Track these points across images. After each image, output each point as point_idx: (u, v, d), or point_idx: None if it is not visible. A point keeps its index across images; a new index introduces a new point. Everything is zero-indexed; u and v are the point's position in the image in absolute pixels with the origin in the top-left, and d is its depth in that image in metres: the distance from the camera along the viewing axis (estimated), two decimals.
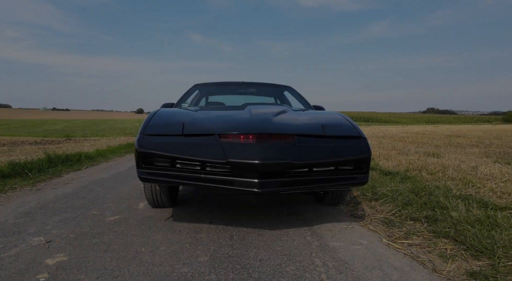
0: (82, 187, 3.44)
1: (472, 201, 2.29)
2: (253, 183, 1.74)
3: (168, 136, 1.90)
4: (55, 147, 10.46)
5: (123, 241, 1.83)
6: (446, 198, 2.34)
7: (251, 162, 1.72)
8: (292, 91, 3.68)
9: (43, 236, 1.90)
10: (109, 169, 4.88)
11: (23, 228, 2.07)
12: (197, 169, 1.83)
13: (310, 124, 2.09)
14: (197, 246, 1.77)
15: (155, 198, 2.38)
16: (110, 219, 2.25)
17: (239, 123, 1.95)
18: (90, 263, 1.53)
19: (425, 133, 18.81)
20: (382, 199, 2.65)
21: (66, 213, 2.40)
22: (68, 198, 2.92)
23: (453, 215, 2.00)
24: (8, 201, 2.86)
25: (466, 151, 8.09)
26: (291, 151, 1.81)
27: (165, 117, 2.15)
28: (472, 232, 1.74)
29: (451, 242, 1.76)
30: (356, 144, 1.97)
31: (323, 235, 1.98)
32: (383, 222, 2.20)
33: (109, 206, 2.59)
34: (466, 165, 5.36)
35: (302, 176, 1.85)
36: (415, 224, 2.10)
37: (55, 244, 1.78)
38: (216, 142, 1.82)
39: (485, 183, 3.57)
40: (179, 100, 3.27)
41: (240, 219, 2.26)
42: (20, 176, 4.01)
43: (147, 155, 1.85)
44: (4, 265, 1.52)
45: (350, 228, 2.11)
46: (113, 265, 1.52)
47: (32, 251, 1.68)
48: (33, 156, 6.56)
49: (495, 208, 2.17)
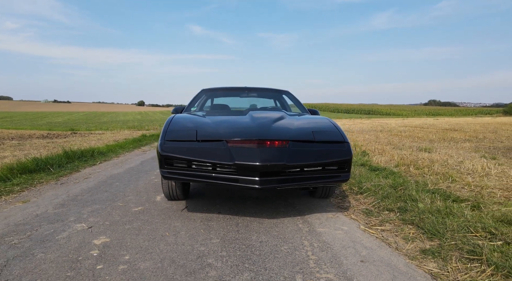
0: (102, 181, 3.86)
1: (439, 195, 2.71)
2: (255, 180, 2.15)
3: (185, 142, 2.31)
4: (63, 141, 10.91)
5: (150, 227, 2.26)
6: (418, 192, 2.76)
7: (253, 163, 2.13)
8: (290, 96, 4.07)
9: (83, 223, 2.34)
10: (121, 164, 5.30)
11: (64, 217, 2.50)
12: (209, 169, 2.24)
13: (302, 131, 2.49)
14: (210, 231, 2.20)
15: (171, 192, 2.81)
16: (134, 209, 2.68)
17: (243, 131, 2.35)
18: (128, 243, 1.96)
19: (423, 127, 19.16)
20: (366, 193, 3.07)
21: (96, 205, 2.83)
22: (92, 191, 3.35)
23: (420, 206, 2.43)
24: (41, 194, 3.28)
25: (458, 146, 8.49)
26: (286, 154, 2.22)
27: (180, 125, 2.55)
28: (431, 219, 2.16)
29: (414, 227, 2.18)
30: (341, 148, 2.38)
31: (312, 222, 2.41)
32: (364, 212, 2.62)
33: (131, 199, 3.02)
34: (454, 160, 5.77)
35: (295, 174, 2.27)
36: (389, 213, 2.52)
37: (96, 229, 2.21)
38: (224, 146, 2.23)
39: (465, 177, 3.98)
40: (189, 105, 3.67)
41: (244, 210, 2.69)
42: (44, 171, 4.44)
43: (168, 157, 2.26)
44: (61, 244, 1.95)
45: (336, 217, 2.54)
46: (146, 245, 1.95)
47: (79, 234, 2.11)
48: (43, 150, 7.00)
49: (456, 200, 2.59)
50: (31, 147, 9.26)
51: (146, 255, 1.80)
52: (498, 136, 11.60)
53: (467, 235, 1.91)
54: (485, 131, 14.19)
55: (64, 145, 9.09)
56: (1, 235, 2.11)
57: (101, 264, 1.69)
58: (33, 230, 2.21)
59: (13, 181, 3.74)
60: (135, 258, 1.77)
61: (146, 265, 1.69)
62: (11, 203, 2.95)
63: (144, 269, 1.64)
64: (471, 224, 2.02)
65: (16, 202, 2.99)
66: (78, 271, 1.62)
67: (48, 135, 13.90)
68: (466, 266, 1.62)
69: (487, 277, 1.49)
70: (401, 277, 1.58)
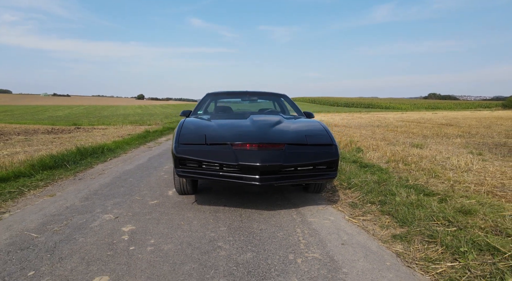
0: (116, 177, 4.26)
1: (415, 189, 3.12)
2: (256, 178, 2.55)
3: (196, 145, 2.70)
4: (69, 137, 11.31)
5: (167, 217, 2.67)
6: (397, 187, 3.17)
7: (254, 164, 2.52)
8: (287, 99, 4.46)
9: (110, 214, 2.74)
10: (130, 160, 5.69)
11: (91, 209, 2.91)
12: (217, 168, 2.64)
13: (296, 134, 2.88)
14: (217, 220, 2.61)
15: (182, 187, 3.21)
16: (151, 203, 3.08)
17: (246, 135, 2.74)
18: (151, 230, 2.37)
19: (420, 122, 19.53)
20: (353, 188, 3.48)
21: (116, 198, 3.24)
22: (110, 186, 3.75)
23: (396, 199, 2.83)
24: (63, 189, 3.69)
25: (449, 142, 8.89)
26: (282, 156, 2.62)
27: (191, 129, 2.94)
28: (404, 210, 2.57)
29: (390, 217, 2.59)
30: (329, 150, 2.77)
31: (305, 213, 2.82)
32: (350, 205, 3.04)
33: (146, 193, 3.42)
34: (442, 156, 6.17)
35: (290, 173, 2.66)
36: (371, 206, 2.93)
37: (121, 219, 2.62)
38: (230, 149, 2.62)
39: (447, 173, 4.38)
40: (196, 108, 4.06)
41: (246, 203, 3.10)
42: (61, 167, 4.84)
43: (182, 159, 2.65)
44: (95, 230, 2.36)
45: (325, 209, 2.95)
46: (166, 232, 2.36)
47: (109, 223, 2.52)
48: (51, 146, 7.40)
49: (429, 194, 3.00)
50: (39, 142, 9.65)
51: (167, 240, 2.21)
52: (490, 131, 11.98)
53: (430, 223, 2.32)
54: (479, 126, 14.57)
55: (70, 141, 9.49)
56: (43, 223, 2.52)
57: (133, 246, 2.10)
58: (68, 219, 2.62)
59: (36, 177, 4.14)
60: (159, 241, 2.18)
61: (169, 247, 2.10)
62: (39, 196, 3.36)
63: (167, 250, 2.05)
64: (435, 214, 2.43)
65: (44, 195, 3.39)
66: (115, 251, 2.03)
67: (53, 131, 14.28)
68: (424, 247, 2.03)
69: (438, 255, 1.90)
70: (372, 255, 1.99)
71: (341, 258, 1.97)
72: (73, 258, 1.93)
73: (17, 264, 1.86)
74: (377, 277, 1.74)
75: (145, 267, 1.83)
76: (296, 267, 1.85)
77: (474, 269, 1.70)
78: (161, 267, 1.83)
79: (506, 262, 1.71)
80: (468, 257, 1.80)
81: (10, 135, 12.26)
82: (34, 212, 2.80)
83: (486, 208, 2.51)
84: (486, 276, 1.63)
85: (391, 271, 1.80)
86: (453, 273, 1.71)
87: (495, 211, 2.43)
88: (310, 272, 1.80)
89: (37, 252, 2.02)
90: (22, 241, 2.19)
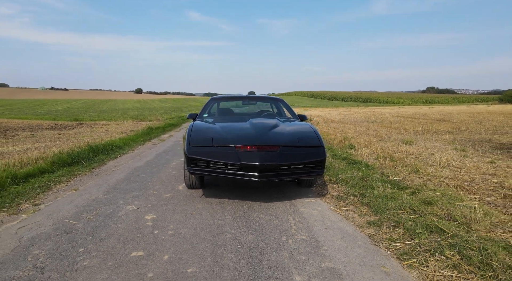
0: (129, 173, 4.74)
1: (391, 184, 3.63)
2: (255, 175, 3.04)
3: (204, 147, 3.19)
4: (73, 133, 11.75)
5: (181, 208, 3.16)
6: (376, 182, 3.68)
7: (254, 163, 3.01)
8: (283, 103, 4.94)
9: (132, 205, 3.24)
10: (139, 157, 6.16)
11: (114, 201, 3.40)
12: (222, 167, 3.13)
13: (290, 137, 3.37)
14: (224, 210, 3.11)
15: (191, 183, 3.70)
16: (165, 196, 3.58)
17: (246, 139, 3.23)
18: (169, 218, 2.87)
19: (415, 117, 20.05)
20: (340, 183, 3.99)
21: (134, 192, 3.73)
22: (126, 181, 4.24)
23: (374, 192, 3.34)
24: (84, 184, 4.17)
25: (438, 138, 9.40)
26: (278, 156, 3.11)
27: (199, 133, 3.42)
28: (379, 202, 3.08)
29: (368, 207, 3.10)
30: (318, 151, 3.27)
31: (297, 205, 3.33)
32: (336, 197, 3.54)
33: (160, 188, 3.91)
34: (428, 152, 6.65)
35: (284, 170, 3.16)
36: (354, 198, 3.44)
37: (143, 209, 3.12)
38: (233, 151, 3.11)
39: (427, 169, 4.87)
40: (201, 112, 4.54)
41: (247, 196, 3.60)
42: (78, 164, 5.31)
43: (193, 159, 3.14)
44: (123, 219, 2.86)
45: (314, 201, 3.46)
46: (181, 220, 2.86)
47: (132, 213, 3.01)
48: (59, 142, 7.85)
49: (403, 188, 3.50)
50: (45, 138, 10.10)
51: (183, 225, 2.72)
52: (480, 127, 12.48)
53: (398, 211, 2.83)
54: (471, 122, 15.08)
55: (75, 137, 9.95)
56: (77, 213, 3.01)
57: (156, 230, 2.60)
58: (97, 210, 3.11)
59: (58, 173, 4.63)
60: (177, 227, 2.68)
61: (186, 231, 2.60)
62: (65, 190, 3.85)
63: (185, 233, 2.55)
64: (403, 205, 2.94)
65: (69, 189, 3.88)
66: (143, 234, 2.53)
67: (57, 126, 14.71)
68: (390, 230, 2.54)
69: (399, 236, 2.42)
70: (348, 237, 2.51)
71: (323, 239, 2.48)
72: (111, 239, 2.43)
73: (67, 243, 2.36)
74: (349, 252, 2.25)
75: (169, 245, 2.33)
76: (287, 246, 2.36)
77: (424, 245, 2.21)
78: (181, 246, 2.33)
79: (447, 240, 2.22)
80: (421, 237, 2.31)
81: (16, 131, 12.70)
82: (66, 204, 3.29)
83: (446, 199, 3.03)
84: (431, 250, 2.14)
85: (361, 248, 2.32)
86: (408, 248, 2.22)
87: (452, 201, 2.95)
88: (298, 249, 2.31)
89: (80, 234, 2.52)
90: (64, 226, 2.68)
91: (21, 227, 2.67)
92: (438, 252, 2.09)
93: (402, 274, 1.96)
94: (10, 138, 10.20)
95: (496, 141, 8.86)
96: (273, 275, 1.95)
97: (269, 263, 2.10)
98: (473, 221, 2.44)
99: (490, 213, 2.64)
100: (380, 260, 2.13)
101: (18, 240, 2.42)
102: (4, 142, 9.09)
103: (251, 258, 2.16)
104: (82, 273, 1.95)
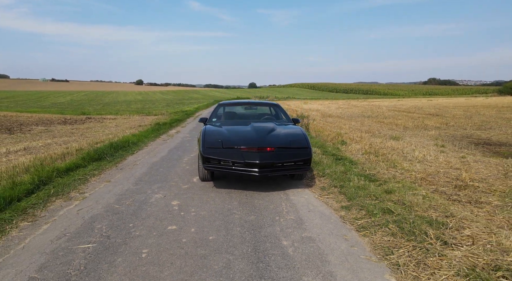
0: (149, 167, 5.60)
1: (365, 177, 4.49)
2: (256, 171, 3.91)
3: (216, 148, 4.04)
4: (85, 127, 12.64)
5: (198, 196, 4.04)
6: (353, 176, 4.54)
7: (255, 162, 3.87)
8: (279, 107, 5.80)
9: (159, 194, 4.11)
10: (153, 153, 7.01)
11: (143, 190, 4.27)
12: (230, 164, 3.99)
13: (283, 140, 4.22)
14: (231, 198, 3.99)
15: (204, 176, 4.57)
16: (184, 187, 4.46)
17: (249, 142, 4.08)
18: (190, 204, 3.75)
19: (410, 111, 20.80)
20: (325, 176, 4.85)
21: (157, 183, 4.60)
22: (148, 175, 5.10)
23: (351, 184, 4.21)
24: (114, 177, 5.04)
25: (425, 133, 10.20)
26: (274, 156, 3.97)
27: (211, 136, 4.28)
28: (353, 191, 3.94)
29: (344, 196, 3.97)
30: (305, 152, 4.13)
31: (289, 194, 4.20)
32: (320, 188, 4.41)
33: (178, 180, 4.79)
34: (410, 148, 7.44)
35: (279, 167, 4.02)
36: (334, 188, 4.31)
37: (168, 197, 3.99)
38: (238, 151, 3.97)
39: (404, 163, 5.70)
40: (211, 116, 5.42)
41: (250, 187, 4.47)
42: (102, 159, 6.17)
43: (207, 158, 4.00)
44: (154, 204, 3.73)
45: (303, 191, 4.33)
46: (199, 205, 3.73)
47: (161, 199, 3.89)
48: (75, 137, 8.67)
49: (374, 180, 4.37)
50: (60, 133, 10.97)
51: (202, 209, 3.60)
52: (467, 122, 13.23)
53: (366, 199, 3.70)
54: (461, 116, 15.84)
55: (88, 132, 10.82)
56: (117, 199, 3.89)
57: (182, 212, 3.48)
58: (131, 198, 3.98)
59: (89, 167, 5.49)
60: (197, 210, 3.56)
61: (204, 213, 3.48)
62: (100, 182, 4.72)
63: (203, 214, 3.44)
64: (370, 193, 3.81)
65: (103, 181, 4.75)
66: (172, 214, 3.41)
67: (67, 121, 15.60)
68: (357, 212, 3.42)
69: (362, 216, 3.29)
70: (324, 217, 3.38)
71: (306, 218, 3.36)
72: (150, 218, 3.31)
73: (118, 221, 3.24)
74: (323, 226, 3.13)
75: (193, 222, 3.22)
76: (279, 223, 3.24)
77: (376, 222, 3.08)
78: (202, 222, 3.21)
79: (393, 218, 3.09)
80: (376, 216, 3.19)
81: (30, 126, 13.57)
82: (106, 193, 4.17)
83: (404, 189, 3.89)
84: (380, 225, 3.01)
85: (332, 224, 3.20)
86: (366, 224, 3.10)
87: (408, 191, 3.82)
88: (287, 225, 3.19)
89: (126, 215, 3.40)
90: (111, 209, 3.56)
91: (80, 210, 3.55)
92: (384, 226, 2.96)
93: (357, 240, 2.84)
94: (27, 133, 11.03)
95: (476, 137, 9.64)
96: (268, 241, 2.83)
97: (265, 233, 2.98)
98: (415, 205, 3.32)
99: (433, 199, 3.51)
100: (344, 231, 3.01)
101: (81, 218, 3.30)
102: (23, 137, 9.93)
103: (253, 231, 3.04)
104: (137, 239, 2.84)
